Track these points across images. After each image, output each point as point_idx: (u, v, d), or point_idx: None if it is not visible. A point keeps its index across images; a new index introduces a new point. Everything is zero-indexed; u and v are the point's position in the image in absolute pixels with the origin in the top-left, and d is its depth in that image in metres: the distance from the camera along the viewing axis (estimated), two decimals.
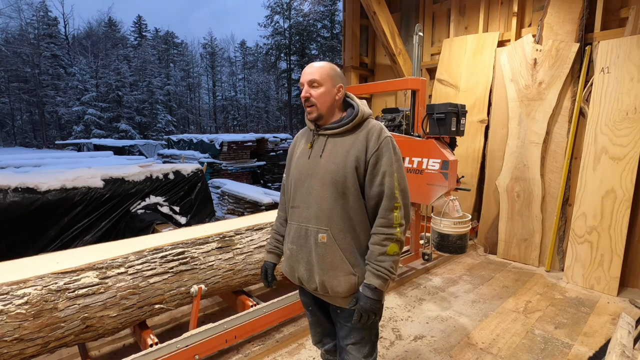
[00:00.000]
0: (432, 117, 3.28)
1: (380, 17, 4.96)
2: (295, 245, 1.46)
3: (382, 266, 1.32)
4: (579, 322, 2.84)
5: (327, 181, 1.37)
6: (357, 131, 1.41)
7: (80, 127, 29.32)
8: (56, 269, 1.85)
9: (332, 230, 1.37)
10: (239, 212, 6.57)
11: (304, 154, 1.48)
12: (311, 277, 1.42)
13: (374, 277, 1.32)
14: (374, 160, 1.35)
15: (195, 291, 2.18)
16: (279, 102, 42.55)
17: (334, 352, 1.65)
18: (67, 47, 35.56)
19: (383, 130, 1.41)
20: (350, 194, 1.36)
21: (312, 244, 1.40)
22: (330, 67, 1.43)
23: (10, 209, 3.53)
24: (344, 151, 1.38)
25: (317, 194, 1.38)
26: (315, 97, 1.40)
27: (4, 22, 32.15)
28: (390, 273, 1.33)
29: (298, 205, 1.45)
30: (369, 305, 1.32)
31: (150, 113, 34.76)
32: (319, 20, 34.49)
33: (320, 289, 1.41)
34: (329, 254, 1.37)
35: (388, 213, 1.34)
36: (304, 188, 1.43)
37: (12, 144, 32.62)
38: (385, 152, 1.36)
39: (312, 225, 1.40)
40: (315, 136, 1.47)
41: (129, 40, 40.62)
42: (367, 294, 1.32)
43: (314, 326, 1.66)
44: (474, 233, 4.64)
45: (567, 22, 3.76)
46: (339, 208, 1.36)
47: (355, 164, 1.36)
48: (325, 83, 1.41)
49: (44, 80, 32.63)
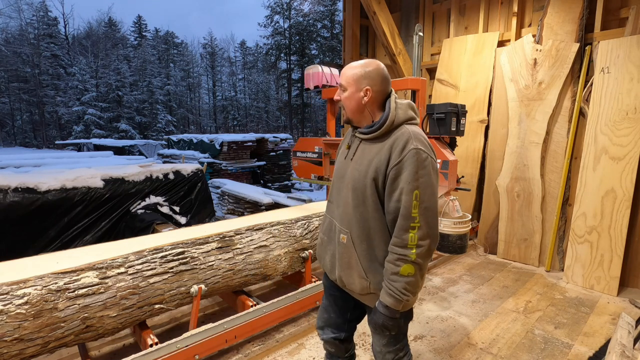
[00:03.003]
0: (432, 117, 3.28)
1: (380, 17, 4.96)
2: (326, 236, 1.54)
3: (394, 286, 1.28)
4: (579, 322, 2.84)
5: (351, 187, 1.39)
6: (386, 139, 1.33)
7: (80, 127, 29.31)
8: (56, 269, 1.85)
9: (351, 234, 1.40)
10: (239, 212, 6.57)
11: (343, 153, 1.53)
12: (333, 269, 1.50)
13: (386, 295, 1.31)
14: (393, 175, 1.27)
15: (195, 291, 2.18)
16: (279, 102, 42.54)
17: (332, 344, 1.66)
18: (67, 47, 35.56)
19: (410, 140, 1.27)
20: (369, 204, 1.35)
21: (336, 240, 1.47)
22: (360, 69, 1.37)
23: (10, 209, 3.53)
24: (368, 159, 1.35)
25: (344, 196, 1.43)
26: (342, 101, 1.43)
27: (4, 22, 32.21)
28: (402, 294, 1.27)
29: (332, 201, 1.53)
30: (382, 321, 1.33)
31: (150, 113, 34.76)
32: (319, 20, 34.45)
33: (339, 282, 1.49)
34: (347, 254, 1.42)
35: (402, 233, 1.26)
36: (336, 187, 1.50)
37: (12, 144, 32.63)
38: (407, 167, 1.25)
39: (337, 223, 1.46)
40: (353, 137, 1.49)
41: (129, 40, 40.61)
42: (380, 309, 1.33)
43: (323, 310, 1.69)
44: (474, 233, 4.64)
45: (567, 22, 3.76)
46: (358, 215, 1.37)
47: (374, 175, 1.31)
48: (349, 87, 1.39)
49: (44, 80, 32.63)
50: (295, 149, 4.44)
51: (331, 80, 4.15)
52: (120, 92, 31.97)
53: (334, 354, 1.69)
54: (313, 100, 35.71)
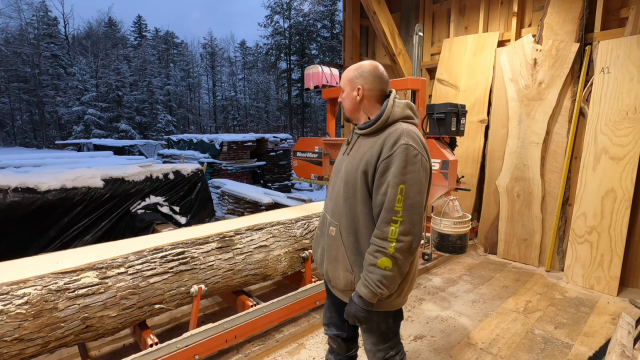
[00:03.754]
0: (432, 117, 3.28)
1: (380, 17, 4.96)
2: (320, 230, 1.60)
3: (370, 277, 1.30)
4: (579, 322, 2.84)
5: (343, 180, 1.43)
6: (380, 134, 1.37)
7: (80, 127, 29.31)
8: (56, 269, 1.85)
9: (340, 227, 1.43)
10: (239, 212, 6.57)
11: (342, 149, 1.58)
12: (322, 262, 1.54)
13: (362, 285, 1.33)
14: (382, 168, 1.30)
15: (195, 291, 2.18)
16: (279, 102, 42.53)
17: (335, 341, 1.71)
18: (67, 47, 35.55)
19: (402, 136, 1.31)
20: (358, 197, 1.38)
21: (326, 233, 1.51)
22: (354, 70, 1.45)
23: (10, 209, 3.53)
24: (361, 153, 1.40)
25: (336, 189, 1.48)
26: (342, 101, 1.52)
27: (4, 22, 32.20)
28: (377, 287, 1.28)
29: (327, 196, 1.59)
30: (353, 310, 1.36)
31: (150, 113, 34.76)
32: (319, 20, 34.44)
33: (325, 276, 1.54)
34: (335, 247, 1.45)
35: (383, 225, 1.28)
36: (332, 181, 1.55)
37: (12, 144, 32.62)
38: (396, 161, 1.27)
39: (328, 216, 1.51)
40: (352, 135, 1.54)
41: (129, 40, 40.60)
42: (354, 299, 1.36)
43: (326, 309, 1.73)
44: (474, 233, 4.64)
45: (567, 22, 3.76)
46: (347, 208, 1.41)
47: (365, 168, 1.34)
48: (345, 88, 1.48)
49: (44, 80, 32.63)
50: (295, 149, 4.44)
51: (331, 80, 4.16)
52: (120, 92, 31.96)
53: (335, 350, 1.73)
54: (313, 100, 35.72)
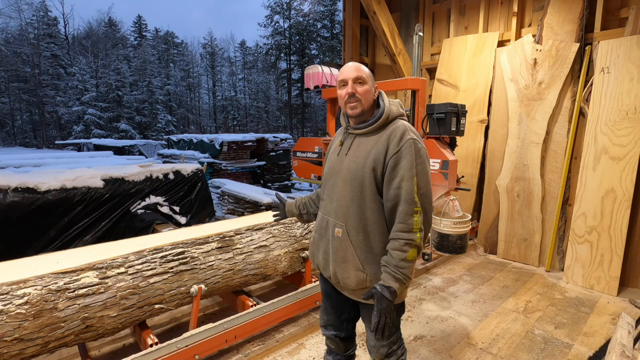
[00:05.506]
0: (432, 117, 3.28)
1: (380, 17, 4.96)
2: (318, 234, 1.58)
3: (402, 272, 1.32)
4: (579, 322, 2.85)
5: (347, 179, 1.43)
6: (382, 131, 1.42)
7: (80, 127, 29.28)
8: (56, 269, 1.85)
9: (347, 227, 1.43)
10: (239, 212, 6.57)
11: (335, 151, 1.57)
12: (327, 265, 1.53)
13: (393, 280, 1.32)
14: (392, 163, 1.35)
15: (195, 291, 2.18)
16: (279, 102, 42.51)
17: (333, 341, 1.71)
18: (67, 47, 35.52)
19: (407, 131, 1.38)
20: (367, 194, 1.39)
21: (330, 235, 1.49)
22: (364, 68, 1.49)
23: (10, 209, 3.52)
24: (365, 151, 1.42)
25: (339, 190, 1.46)
26: (360, 94, 1.44)
27: (4, 22, 32.16)
28: (407, 278, 1.34)
29: (324, 199, 1.56)
30: (385, 306, 1.33)
31: (150, 113, 34.73)
32: (319, 20, 34.44)
33: (333, 278, 1.51)
34: (342, 248, 1.45)
35: (407, 218, 1.32)
36: (330, 183, 1.53)
37: (12, 144, 32.60)
38: (406, 155, 1.34)
39: (332, 218, 1.49)
40: (346, 134, 1.54)
41: (129, 40, 40.57)
42: (385, 295, 1.32)
43: (323, 311, 1.73)
44: (474, 233, 4.64)
45: (567, 22, 3.76)
46: (355, 206, 1.41)
47: (374, 164, 1.38)
48: (368, 81, 1.47)
49: (44, 80, 32.61)
50: (295, 149, 4.44)
51: (331, 80, 4.15)
52: (120, 92, 31.94)
53: (334, 351, 1.73)
54: (313, 100, 35.70)
